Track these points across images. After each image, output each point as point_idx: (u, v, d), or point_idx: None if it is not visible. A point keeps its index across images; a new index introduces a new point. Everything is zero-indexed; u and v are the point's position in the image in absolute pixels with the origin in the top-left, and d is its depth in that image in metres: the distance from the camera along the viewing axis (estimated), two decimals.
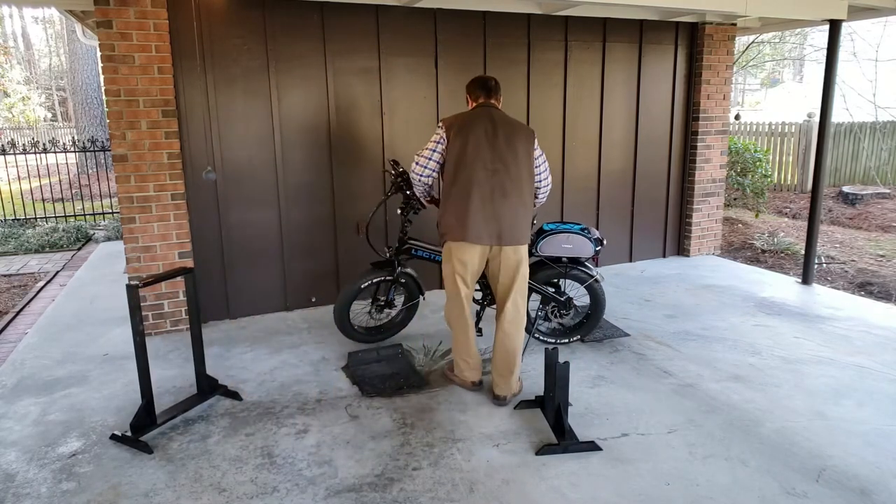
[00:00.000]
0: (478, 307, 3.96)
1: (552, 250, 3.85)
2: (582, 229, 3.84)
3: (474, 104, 3.36)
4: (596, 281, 3.94)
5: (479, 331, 3.82)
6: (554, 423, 2.96)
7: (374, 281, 4.02)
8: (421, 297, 4.16)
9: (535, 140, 3.34)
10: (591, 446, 2.86)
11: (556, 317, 4.06)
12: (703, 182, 6.30)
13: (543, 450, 2.84)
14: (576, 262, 3.92)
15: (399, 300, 4.24)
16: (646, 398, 3.38)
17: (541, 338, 4.07)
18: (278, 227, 4.78)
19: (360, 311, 4.23)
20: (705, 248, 6.50)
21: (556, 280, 4.02)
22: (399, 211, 3.95)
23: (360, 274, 4.05)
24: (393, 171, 4.01)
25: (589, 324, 4.10)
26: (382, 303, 4.17)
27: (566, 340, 4.10)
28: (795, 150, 10.33)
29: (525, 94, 5.42)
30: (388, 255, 4.05)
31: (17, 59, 23.72)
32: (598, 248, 3.86)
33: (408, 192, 3.84)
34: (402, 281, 4.06)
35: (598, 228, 5.97)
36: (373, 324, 4.26)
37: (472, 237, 3.19)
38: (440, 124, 3.31)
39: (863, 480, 2.63)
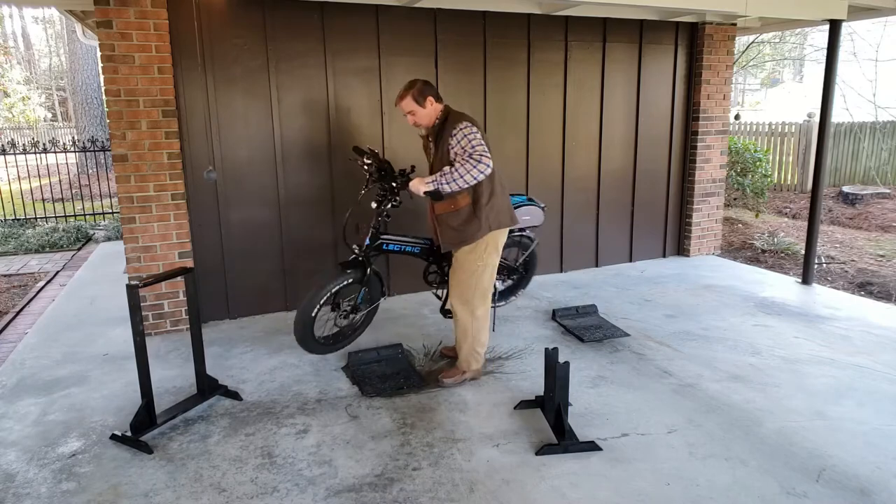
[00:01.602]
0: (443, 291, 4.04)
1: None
2: (529, 199, 4.17)
3: (441, 105, 3.38)
4: (536, 244, 4.41)
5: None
6: (554, 423, 2.96)
7: (344, 285, 3.72)
8: (383, 298, 4.01)
9: None
10: (591, 446, 2.87)
11: (504, 283, 4.32)
12: (703, 182, 6.30)
13: (543, 450, 2.84)
14: (521, 230, 4.22)
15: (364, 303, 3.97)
16: (646, 398, 3.38)
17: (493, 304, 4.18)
18: (278, 227, 4.78)
19: (321, 319, 3.83)
20: (705, 248, 6.50)
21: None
22: (376, 203, 3.69)
23: (326, 277, 3.67)
24: (368, 161, 3.79)
25: (525, 281, 4.56)
26: (349, 308, 3.86)
27: (507, 301, 4.54)
28: (795, 150, 10.33)
29: (525, 94, 5.42)
30: (358, 254, 3.75)
31: (17, 59, 23.71)
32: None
33: (394, 184, 3.62)
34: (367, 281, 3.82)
35: (598, 228, 5.99)
36: (333, 331, 3.98)
37: (515, 220, 3.55)
38: (470, 123, 3.25)
39: (863, 480, 2.63)
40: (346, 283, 3.72)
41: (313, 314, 3.65)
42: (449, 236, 3.45)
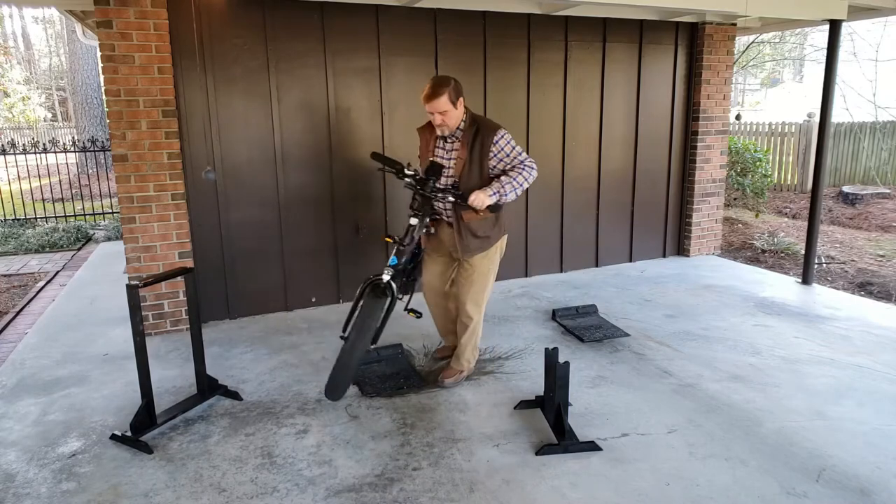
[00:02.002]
0: (406, 295, 3.61)
1: None
2: None
3: (465, 108, 3.25)
4: None
5: (420, 314, 3.59)
6: (554, 423, 2.96)
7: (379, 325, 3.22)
8: None
9: None
10: (591, 446, 2.86)
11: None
12: (703, 182, 6.30)
13: (543, 450, 2.84)
14: None
15: None
16: (646, 398, 3.38)
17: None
18: (278, 227, 4.78)
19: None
20: (705, 248, 6.50)
21: None
22: (418, 220, 3.22)
23: (365, 318, 3.11)
24: (410, 173, 3.28)
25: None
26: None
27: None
28: (795, 150, 10.33)
29: (525, 94, 5.42)
30: (387, 276, 3.18)
31: (17, 59, 23.70)
32: None
33: (451, 199, 3.19)
34: None
35: (598, 228, 5.98)
36: None
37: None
38: (505, 129, 3.24)
39: (863, 480, 2.63)
40: (381, 320, 3.21)
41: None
42: (473, 244, 3.31)
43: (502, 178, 3.19)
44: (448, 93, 3.07)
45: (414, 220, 3.23)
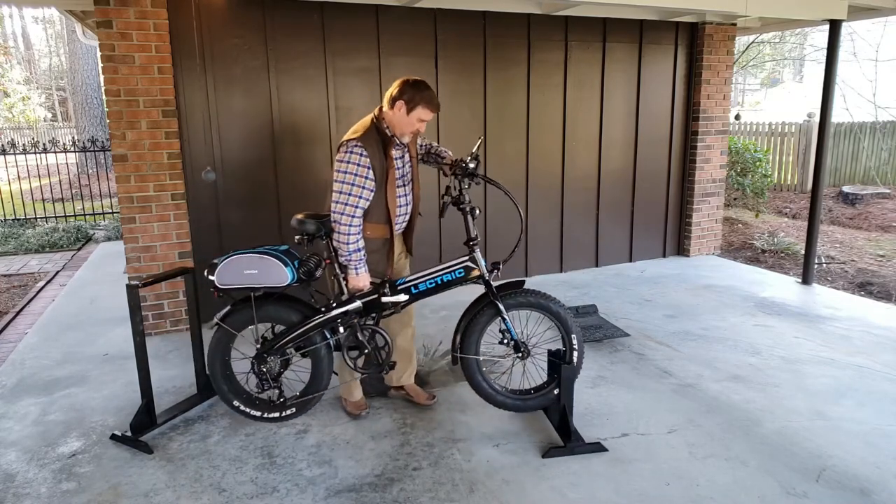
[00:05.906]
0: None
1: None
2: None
3: None
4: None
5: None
6: (559, 424, 2.95)
7: None
8: None
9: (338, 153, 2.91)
10: (598, 447, 2.85)
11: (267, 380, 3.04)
12: (703, 182, 6.30)
13: (550, 452, 2.82)
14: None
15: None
16: (646, 398, 3.38)
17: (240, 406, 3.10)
18: (278, 227, 4.77)
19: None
20: (705, 248, 6.50)
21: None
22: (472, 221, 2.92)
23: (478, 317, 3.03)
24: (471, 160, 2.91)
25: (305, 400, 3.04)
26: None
27: (275, 415, 3.06)
28: (795, 150, 10.33)
29: (525, 94, 5.42)
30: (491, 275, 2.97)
31: (17, 59, 23.71)
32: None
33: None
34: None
35: (598, 228, 5.97)
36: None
37: None
38: None
39: (863, 480, 2.63)
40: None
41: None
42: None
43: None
44: None
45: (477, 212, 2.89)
